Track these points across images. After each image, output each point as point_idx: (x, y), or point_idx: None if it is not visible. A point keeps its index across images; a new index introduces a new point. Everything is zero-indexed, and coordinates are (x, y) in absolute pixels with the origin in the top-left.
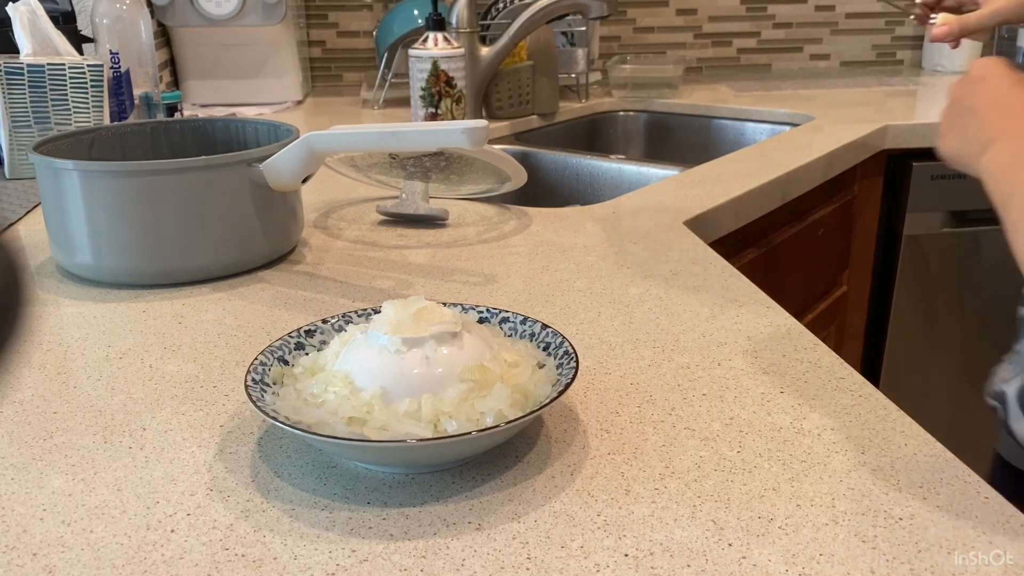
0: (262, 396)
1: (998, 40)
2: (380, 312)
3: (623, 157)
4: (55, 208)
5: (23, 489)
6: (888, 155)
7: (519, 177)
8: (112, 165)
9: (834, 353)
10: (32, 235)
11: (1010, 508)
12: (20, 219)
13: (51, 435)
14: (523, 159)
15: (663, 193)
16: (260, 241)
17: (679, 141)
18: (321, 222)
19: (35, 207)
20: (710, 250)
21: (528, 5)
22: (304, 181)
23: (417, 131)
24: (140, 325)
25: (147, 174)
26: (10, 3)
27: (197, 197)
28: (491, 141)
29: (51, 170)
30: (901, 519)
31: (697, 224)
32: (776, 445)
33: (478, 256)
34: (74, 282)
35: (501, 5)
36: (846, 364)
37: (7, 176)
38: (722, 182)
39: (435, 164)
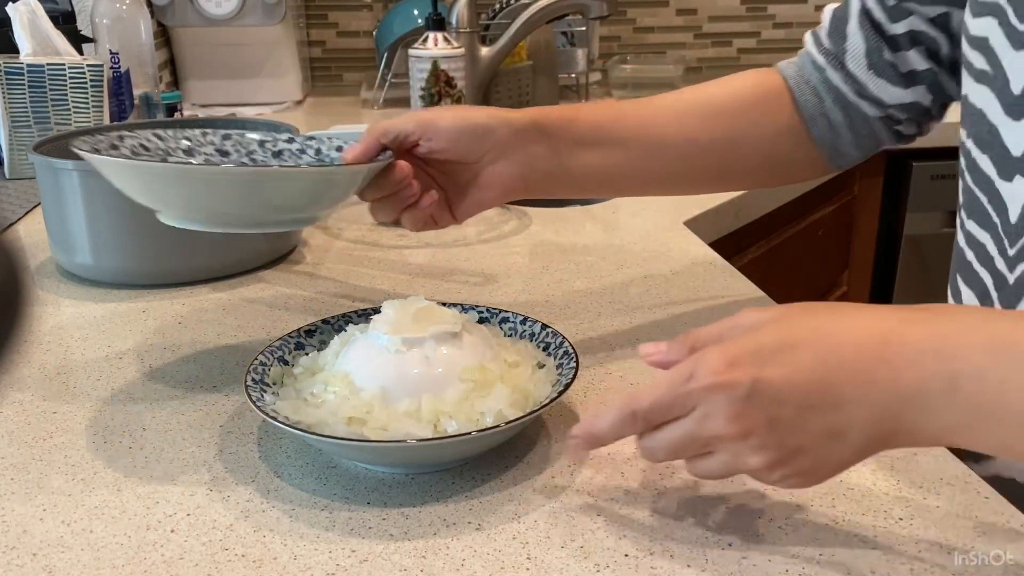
0: (262, 396)
1: None
2: (380, 312)
3: None
4: (55, 208)
5: (23, 489)
6: (888, 155)
7: None
8: None
9: None
10: (32, 235)
11: (1010, 508)
12: (20, 219)
13: (51, 435)
14: None
15: None
16: (260, 241)
17: None
18: (321, 222)
19: (35, 207)
20: (710, 250)
21: (528, 5)
22: None
23: None
24: (140, 325)
25: None
26: (10, 3)
27: None
28: None
29: (51, 170)
30: (901, 519)
31: (697, 224)
32: None
33: (478, 256)
34: (74, 282)
35: (498, 6)
36: None
37: (7, 176)
38: None
39: None
